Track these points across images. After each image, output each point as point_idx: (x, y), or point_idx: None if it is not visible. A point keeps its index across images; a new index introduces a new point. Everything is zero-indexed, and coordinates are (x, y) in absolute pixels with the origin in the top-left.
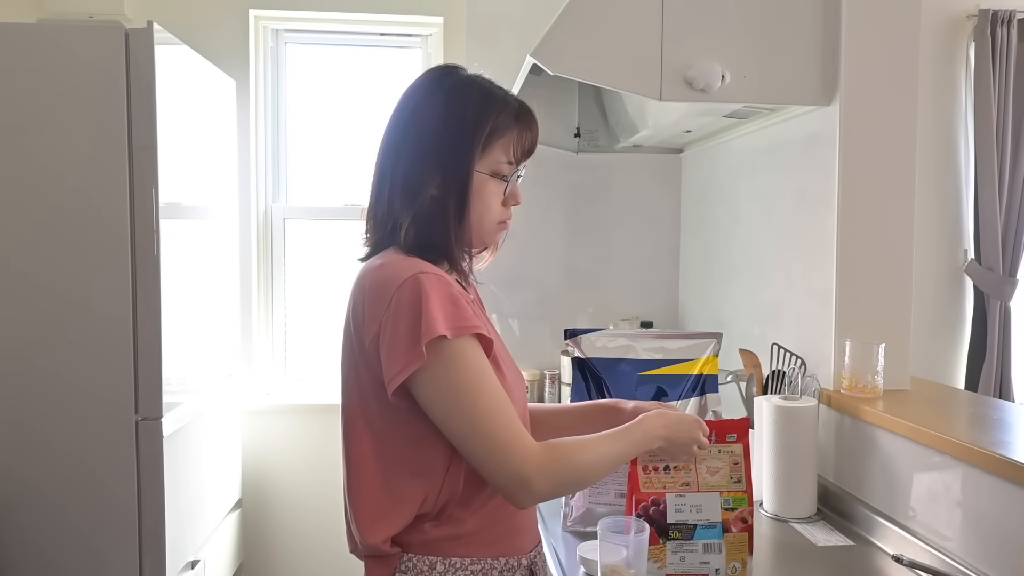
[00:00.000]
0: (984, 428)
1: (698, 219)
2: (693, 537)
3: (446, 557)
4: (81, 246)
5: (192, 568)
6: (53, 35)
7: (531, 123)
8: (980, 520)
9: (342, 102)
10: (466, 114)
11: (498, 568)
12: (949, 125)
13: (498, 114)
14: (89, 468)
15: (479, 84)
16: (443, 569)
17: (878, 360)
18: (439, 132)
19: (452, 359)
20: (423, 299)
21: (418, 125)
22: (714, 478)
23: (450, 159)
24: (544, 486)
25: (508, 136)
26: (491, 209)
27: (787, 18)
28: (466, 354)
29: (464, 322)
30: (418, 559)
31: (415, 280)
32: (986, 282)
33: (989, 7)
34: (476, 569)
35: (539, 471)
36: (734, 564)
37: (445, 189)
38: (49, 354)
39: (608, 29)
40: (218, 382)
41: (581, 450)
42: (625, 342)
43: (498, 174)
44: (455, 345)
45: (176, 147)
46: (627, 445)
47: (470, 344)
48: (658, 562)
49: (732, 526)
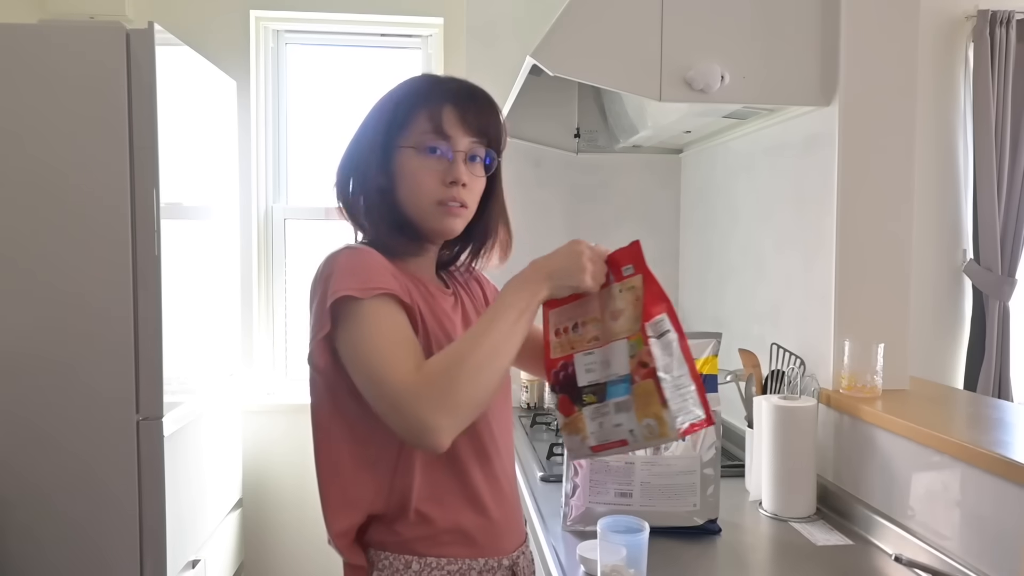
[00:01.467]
0: (983, 428)
1: (698, 219)
2: (606, 397)
3: (422, 556)
4: (82, 246)
5: (192, 568)
6: (54, 36)
7: (467, 98)
8: (979, 520)
9: (342, 102)
10: (393, 94)
11: (476, 568)
12: (948, 125)
13: (427, 89)
14: (90, 468)
15: (435, 77)
16: (419, 568)
17: (877, 360)
18: (368, 116)
19: (357, 317)
20: (334, 270)
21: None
22: (618, 323)
23: (376, 131)
24: (433, 404)
25: (429, 106)
26: (423, 186)
27: (787, 18)
28: (372, 310)
29: (372, 283)
30: (394, 558)
31: (330, 257)
32: (985, 282)
33: (988, 7)
34: (453, 569)
35: (421, 389)
36: (647, 422)
37: (369, 164)
38: (50, 354)
39: (608, 29)
40: (219, 382)
41: (457, 344)
42: None
43: (423, 145)
44: (362, 305)
45: (177, 147)
46: (502, 308)
47: (381, 303)
48: (578, 435)
49: (635, 375)
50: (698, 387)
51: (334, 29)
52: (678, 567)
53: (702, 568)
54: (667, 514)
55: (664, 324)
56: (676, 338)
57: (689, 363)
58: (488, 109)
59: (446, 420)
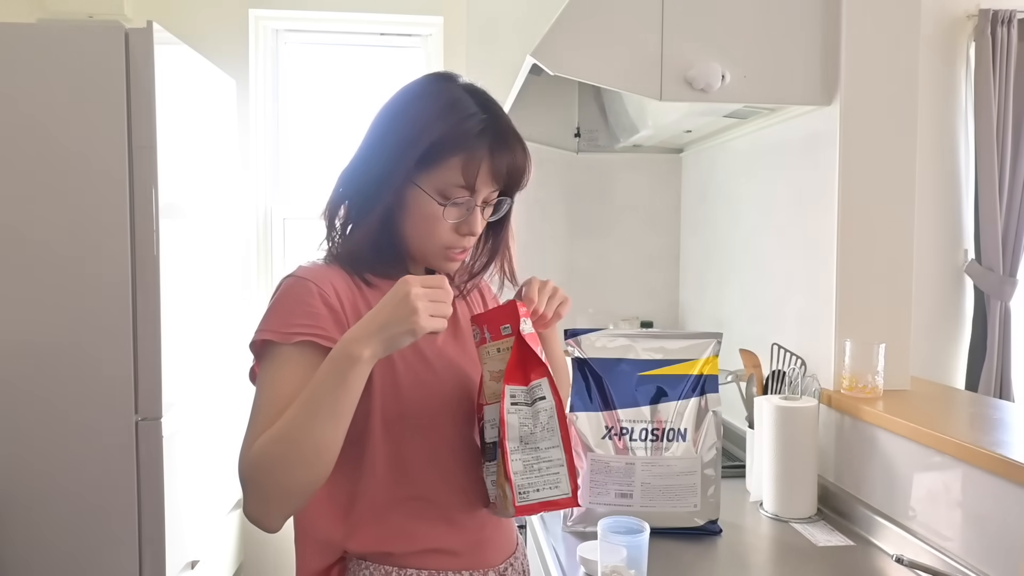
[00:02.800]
0: (984, 428)
1: (698, 219)
2: (494, 458)
3: (402, 568)
4: (81, 246)
5: (192, 568)
6: (53, 35)
7: (503, 148)
8: (980, 520)
9: (342, 102)
10: (420, 117)
11: None
12: (949, 125)
13: (456, 124)
14: (89, 468)
15: (454, 92)
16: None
17: (878, 360)
18: (388, 127)
19: (265, 361)
20: (273, 301)
21: (376, 122)
22: (499, 384)
23: (387, 162)
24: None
25: (465, 155)
26: (434, 232)
27: (787, 18)
28: (279, 360)
29: (296, 325)
30: (375, 568)
31: (282, 283)
32: (986, 282)
33: (989, 7)
34: None
35: (244, 484)
36: (498, 492)
37: (376, 192)
38: (49, 354)
39: (608, 29)
40: (218, 381)
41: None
42: (625, 342)
43: (445, 196)
44: (275, 351)
45: (176, 147)
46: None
47: (291, 353)
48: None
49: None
50: (569, 461)
51: (333, 28)
52: (678, 568)
53: (703, 569)
54: (667, 515)
55: (539, 390)
56: (552, 407)
57: (563, 435)
58: (521, 156)
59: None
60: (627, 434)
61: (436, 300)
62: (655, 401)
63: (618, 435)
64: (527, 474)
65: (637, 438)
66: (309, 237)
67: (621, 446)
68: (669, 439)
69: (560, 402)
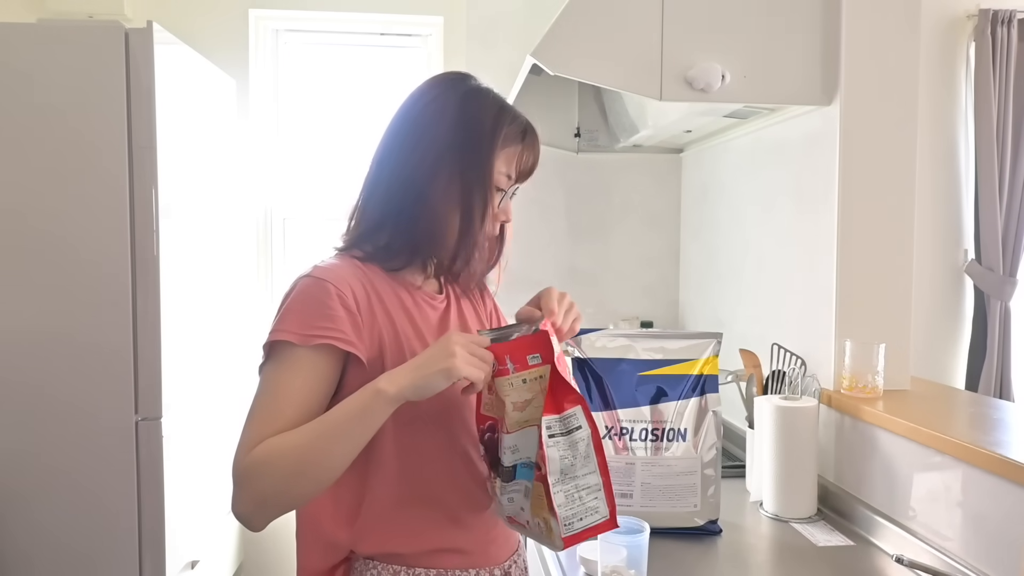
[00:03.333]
0: (984, 428)
1: (698, 219)
2: (515, 477)
3: (411, 568)
4: (81, 246)
5: (192, 568)
6: (53, 35)
7: (535, 143)
8: (980, 520)
9: (342, 102)
10: (484, 117)
11: None
12: (949, 125)
13: (509, 124)
14: (89, 468)
15: (493, 93)
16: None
17: (878, 360)
18: (454, 132)
19: (276, 362)
20: (290, 301)
21: (429, 125)
22: (525, 411)
23: (468, 160)
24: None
25: (513, 149)
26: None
27: (787, 18)
28: (290, 363)
29: (316, 328)
30: (383, 567)
31: (296, 280)
32: (986, 282)
33: (989, 7)
34: None
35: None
36: (539, 521)
37: (462, 191)
38: (49, 354)
39: (608, 29)
40: (218, 381)
41: (282, 442)
42: (625, 342)
43: (498, 186)
44: (292, 352)
45: (176, 147)
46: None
47: (307, 356)
48: (494, 497)
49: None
50: (606, 484)
51: (333, 28)
52: (679, 568)
53: (703, 569)
54: (668, 515)
55: (574, 420)
56: (588, 435)
57: (600, 459)
58: (539, 150)
59: (254, 515)
60: (627, 434)
61: (476, 353)
62: (655, 401)
63: (618, 435)
64: (570, 505)
65: (637, 438)
66: (309, 237)
67: (621, 446)
68: (669, 439)
69: (595, 428)
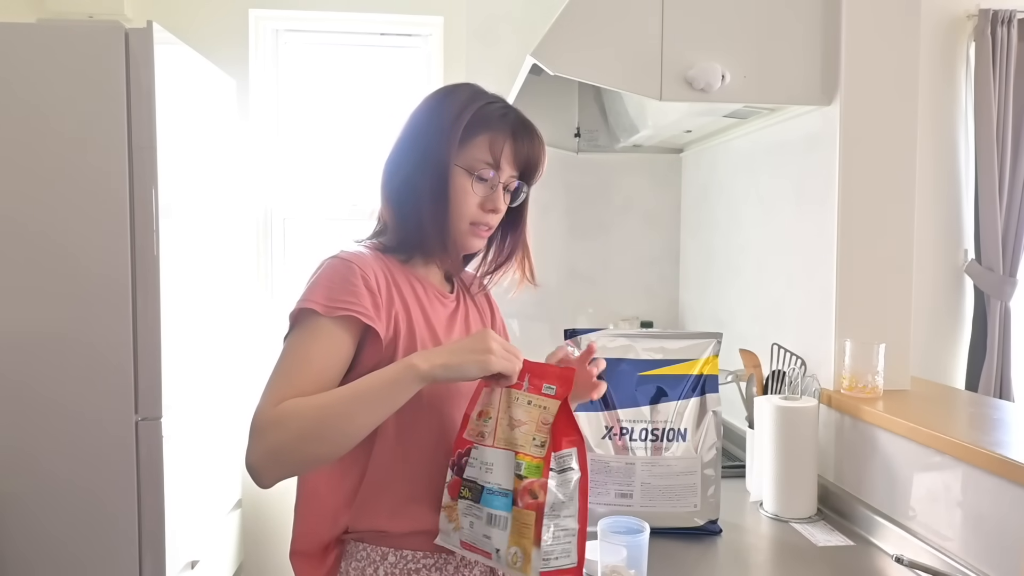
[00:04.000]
0: (984, 428)
1: (698, 219)
2: (480, 500)
3: (398, 549)
4: (81, 246)
5: (192, 568)
6: (53, 35)
7: (525, 134)
8: (980, 520)
9: (342, 102)
10: (451, 106)
11: (453, 564)
12: (949, 125)
13: (482, 107)
14: (89, 468)
15: (476, 86)
16: (395, 560)
17: (878, 360)
18: (423, 123)
19: (302, 329)
20: (318, 275)
21: (409, 123)
22: (515, 432)
23: (429, 145)
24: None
25: (491, 134)
26: (463, 206)
27: (787, 18)
28: (315, 331)
29: (340, 301)
30: (371, 549)
31: (324, 260)
32: (986, 282)
33: (989, 7)
34: (429, 563)
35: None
36: (515, 550)
37: (421, 175)
38: (49, 354)
39: (608, 29)
40: (218, 381)
41: (315, 401)
42: (625, 342)
43: (474, 171)
44: (316, 321)
45: (176, 147)
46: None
47: (331, 326)
48: (452, 522)
49: (519, 499)
50: (581, 530)
51: (333, 28)
52: (678, 568)
53: (703, 569)
54: (668, 515)
55: (570, 460)
56: (578, 478)
57: (582, 505)
58: (539, 147)
59: (263, 466)
60: (627, 434)
61: (511, 352)
62: (655, 401)
63: (618, 435)
64: (550, 541)
65: (637, 438)
66: (309, 237)
67: (621, 446)
68: (669, 439)
69: (586, 474)
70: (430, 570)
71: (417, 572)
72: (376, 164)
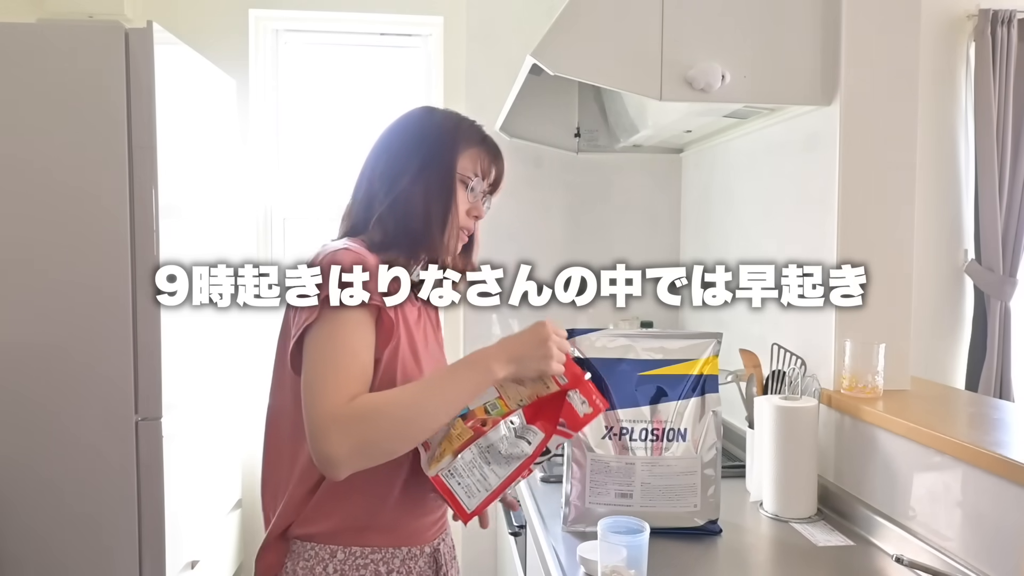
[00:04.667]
0: (984, 428)
1: (698, 219)
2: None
3: (347, 547)
4: (81, 246)
5: (192, 568)
6: (53, 35)
7: (496, 151)
8: (980, 520)
9: (342, 102)
10: (445, 121)
11: (400, 557)
12: (949, 125)
13: (468, 127)
14: (89, 468)
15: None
16: (344, 557)
17: (878, 360)
18: (420, 132)
19: (338, 320)
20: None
21: (400, 131)
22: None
23: (431, 153)
24: (344, 441)
25: (475, 150)
26: (456, 213)
27: (787, 18)
28: (354, 321)
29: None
30: (320, 548)
31: (332, 254)
32: (986, 282)
33: (989, 7)
34: (376, 558)
35: (340, 423)
36: (440, 450)
37: (427, 179)
38: (49, 354)
39: (608, 29)
40: (218, 381)
41: (396, 394)
42: (625, 342)
43: (464, 180)
44: (344, 311)
45: (176, 147)
46: (456, 377)
47: (364, 315)
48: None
49: (470, 418)
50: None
51: (333, 28)
52: (679, 568)
53: (703, 569)
54: (667, 515)
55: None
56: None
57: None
58: (503, 164)
59: (349, 459)
60: (627, 434)
61: (562, 348)
62: (655, 401)
63: (618, 435)
64: (467, 470)
65: (637, 438)
66: (309, 237)
67: (621, 446)
68: (669, 439)
69: (532, 459)
70: (378, 564)
71: (365, 567)
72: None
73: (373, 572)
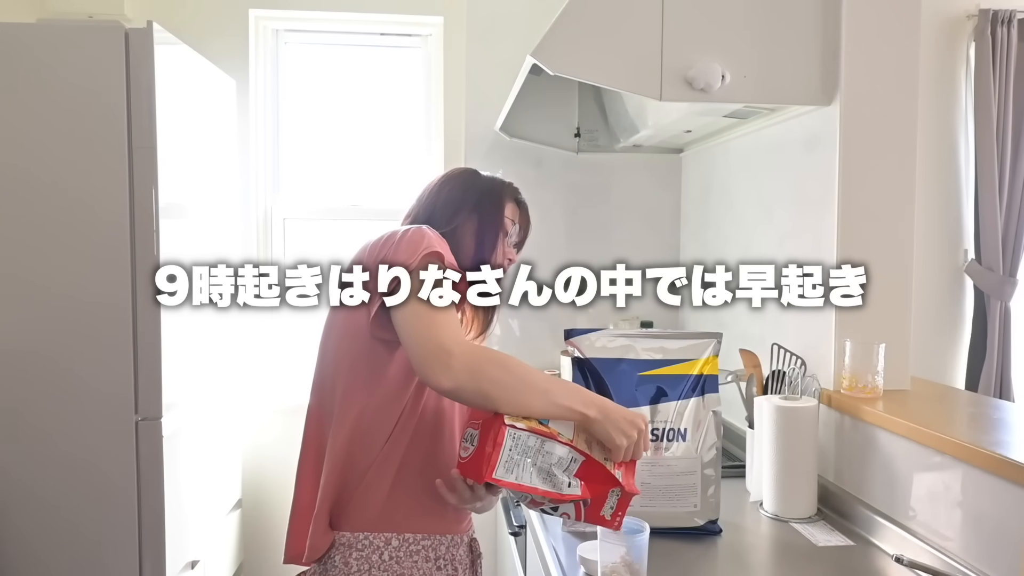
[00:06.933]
0: (984, 428)
1: (698, 219)
2: None
3: (400, 533)
4: (81, 246)
5: (192, 568)
6: (53, 35)
7: (528, 212)
8: (980, 520)
9: (342, 102)
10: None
11: (445, 544)
12: (949, 125)
13: (511, 185)
14: (89, 468)
15: None
16: (398, 544)
17: (878, 360)
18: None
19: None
20: (425, 235)
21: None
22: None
23: (484, 193)
24: (464, 362)
25: (513, 203)
26: (495, 252)
27: (787, 18)
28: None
29: (449, 256)
30: (374, 536)
31: (419, 228)
32: (986, 282)
33: (989, 7)
34: (427, 544)
35: (463, 349)
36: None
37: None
38: (49, 354)
39: (608, 29)
40: (218, 381)
41: (514, 360)
42: (625, 342)
43: (506, 228)
44: (446, 271)
45: (176, 147)
46: (561, 386)
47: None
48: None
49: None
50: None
51: (333, 28)
52: (679, 568)
53: (703, 569)
54: (667, 515)
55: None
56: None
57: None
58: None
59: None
60: None
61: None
62: (655, 401)
63: None
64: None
65: None
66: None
67: None
68: (669, 439)
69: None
70: (427, 550)
71: (417, 553)
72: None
73: (424, 558)
